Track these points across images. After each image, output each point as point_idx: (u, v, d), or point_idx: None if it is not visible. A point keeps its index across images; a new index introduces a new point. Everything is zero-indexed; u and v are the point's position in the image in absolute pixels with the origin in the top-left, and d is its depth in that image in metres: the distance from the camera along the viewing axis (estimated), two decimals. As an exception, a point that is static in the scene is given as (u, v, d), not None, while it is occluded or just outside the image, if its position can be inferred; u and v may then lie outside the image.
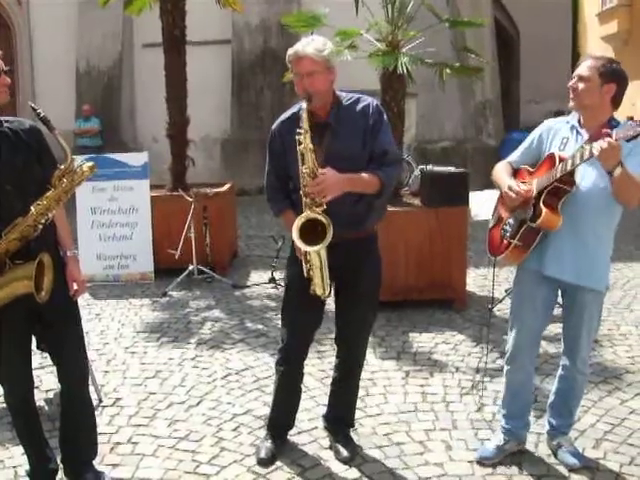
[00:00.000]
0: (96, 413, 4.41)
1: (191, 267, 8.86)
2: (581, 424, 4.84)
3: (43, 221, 3.67)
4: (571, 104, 4.07)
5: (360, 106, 4.17)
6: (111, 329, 7.14)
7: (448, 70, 7.71)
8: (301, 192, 3.99)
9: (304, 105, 3.97)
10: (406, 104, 8.16)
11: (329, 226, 3.88)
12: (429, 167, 7.62)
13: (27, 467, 4.22)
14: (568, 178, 3.97)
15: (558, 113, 23.28)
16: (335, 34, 7.69)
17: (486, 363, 5.62)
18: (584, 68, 4.01)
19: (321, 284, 4.08)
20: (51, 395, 5.50)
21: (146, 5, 9.86)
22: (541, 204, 4.00)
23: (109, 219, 9.09)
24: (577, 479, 4.21)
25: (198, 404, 5.34)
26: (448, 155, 15.70)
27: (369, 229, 4.31)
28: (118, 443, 4.77)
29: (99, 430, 4.39)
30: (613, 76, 3.96)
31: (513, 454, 4.46)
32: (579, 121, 4.12)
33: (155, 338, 6.84)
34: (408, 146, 15.82)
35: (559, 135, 4.19)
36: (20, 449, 4.58)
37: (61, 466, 4.22)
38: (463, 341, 6.50)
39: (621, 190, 3.82)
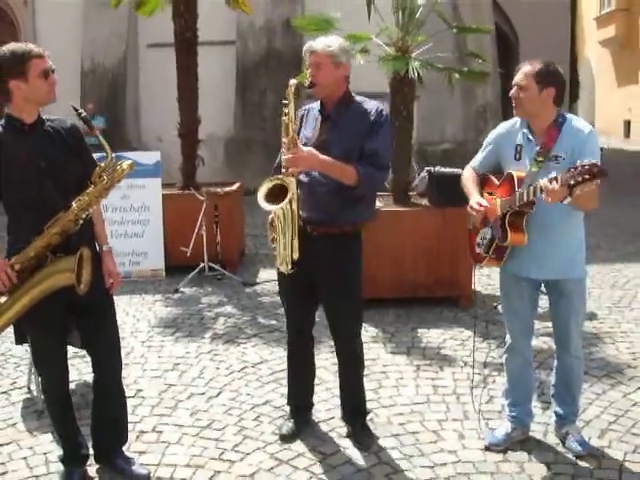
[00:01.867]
0: (121, 402, 4.62)
1: (202, 264, 9.05)
2: (586, 415, 5.05)
3: (84, 216, 3.88)
4: (515, 113, 4.28)
5: (366, 108, 4.44)
6: (127, 323, 7.32)
7: (457, 75, 7.91)
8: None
9: (293, 81, 4.32)
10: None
11: (290, 184, 4.18)
12: (436, 169, 7.80)
13: (58, 453, 4.42)
14: (526, 207, 4.21)
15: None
16: (345, 38, 7.85)
17: (485, 360, 5.83)
18: (521, 76, 4.23)
19: (283, 254, 4.34)
20: (73, 386, 5.68)
21: (158, 7, 10.04)
22: (507, 226, 4.24)
23: (121, 216, 9.26)
24: (583, 466, 4.41)
25: (218, 395, 5.53)
26: (449, 157, 15.86)
27: (344, 227, 4.48)
28: (143, 432, 4.95)
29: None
30: (550, 80, 4.17)
31: (522, 442, 4.66)
32: (529, 126, 4.32)
33: (170, 332, 7.03)
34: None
35: (513, 143, 4.40)
36: (48, 437, 4.84)
37: (91, 451, 4.42)
38: (470, 337, 6.69)
39: (578, 205, 4.07)
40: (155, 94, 16.19)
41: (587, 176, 3.70)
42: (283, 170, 4.28)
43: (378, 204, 7.59)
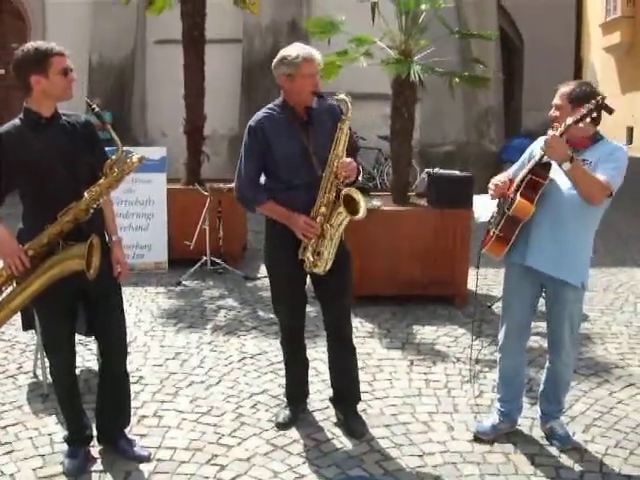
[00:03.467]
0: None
1: (204, 258, 9.25)
2: (572, 411, 5.24)
3: (94, 206, 4.10)
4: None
5: (325, 104, 4.73)
6: (130, 314, 7.48)
7: (457, 79, 8.08)
8: (325, 173, 4.52)
9: (344, 96, 4.59)
10: (410, 109, 8.55)
11: (364, 199, 4.51)
12: (436, 170, 7.99)
13: (63, 434, 4.63)
14: (541, 172, 4.40)
15: (559, 121, 23.66)
16: (349, 40, 8.06)
17: (476, 356, 6.02)
18: (557, 97, 4.44)
19: (327, 259, 4.59)
20: (77, 372, 5.86)
21: (166, 5, 10.22)
22: (517, 195, 4.42)
23: (126, 210, 9.45)
24: (567, 458, 4.60)
25: (217, 384, 5.73)
26: (450, 159, 16.01)
27: None
28: (144, 416, 5.15)
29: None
30: (583, 99, 4.31)
31: (509, 435, 4.86)
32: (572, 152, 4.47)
33: (172, 323, 7.23)
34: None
35: None
36: (53, 419, 5.04)
37: (95, 433, 4.63)
38: (464, 334, 6.89)
39: (576, 184, 4.24)
40: (162, 90, 16.32)
41: (585, 112, 4.09)
42: (332, 179, 4.53)
43: (377, 203, 7.80)
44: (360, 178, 4.72)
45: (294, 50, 4.58)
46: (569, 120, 4.19)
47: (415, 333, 7.00)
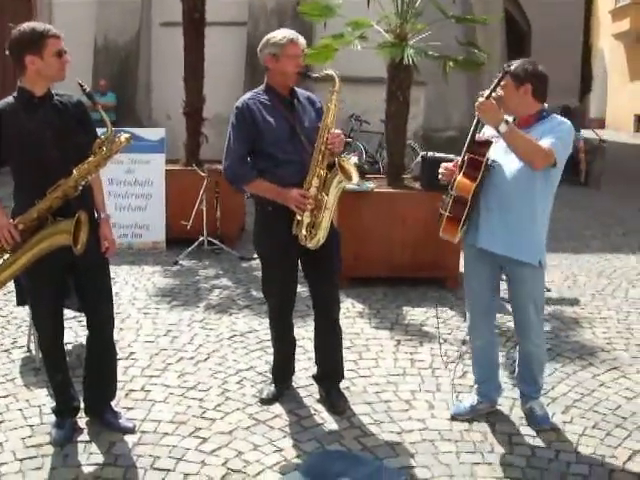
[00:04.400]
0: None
1: (201, 238, 9.36)
2: (554, 393, 5.32)
3: (83, 183, 4.21)
4: (502, 111, 4.49)
5: (305, 94, 4.95)
6: (125, 292, 7.63)
7: (451, 63, 8.12)
8: (317, 144, 4.65)
9: (332, 71, 4.75)
10: (414, 93, 8.60)
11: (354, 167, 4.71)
12: (430, 153, 8.03)
13: (52, 405, 4.74)
14: (479, 149, 4.47)
15: (565, 108, 23.64)
16: (347, 23, 8.12)
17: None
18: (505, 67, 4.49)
19: (324, 228, 4.69)
20: (70, 347, 5.97)
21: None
22: (460, 174, 4.49)
23: (125, 190, 9.57)
24: (544, 438, 4.69)
25: (206, 360, 5.84)
26: (453, 144, 16.01)
27: None
28: (132, 390, 5.27)
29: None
30: (525, 77, 4.42)
31: (488, 414, 4.95)
32: (514, 120, 4.53)
33: (166, 301, 7.34)
34: (415, 133, 16.25)
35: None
36: (43, 391, 5.16)
37: (82, 405, 4.75)
38: (453, 316, 6.98)
39: (513, 147, 4.31)
40: (166, 72, 16.36)
41: (496, 81, 4.31)
42: (323, 149, 4.66)
43: (371, 185, 7.88)
44: (355, 160, 4.84)
45: (280, 33, 4.77)
46: (486, 92, 4.29)
47: (405, 314, 7.09)
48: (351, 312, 7.08)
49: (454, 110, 17.22)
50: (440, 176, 4.76)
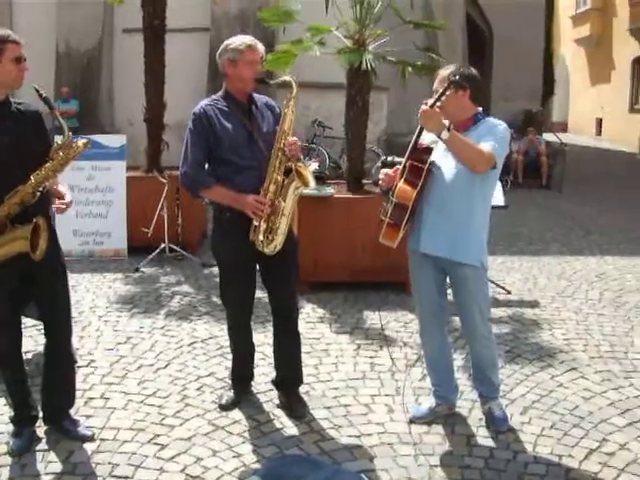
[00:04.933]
0: (72, 370, 4.91)
1: (163, 245, 9.34)
2: (513, 394, 5.36)
3: (41, 189, 4.19)
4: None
5: (263, 100, 4.95)
6: (86, 300, 7.60)
7: (410, 68, 8.18)
8: (273, 150, 4.67)
9: (289, 77, 4.78)
10: (377, 98, 8.66)
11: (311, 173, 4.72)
12: (390, 158, 8.08)
13: (10, 414, 4.71)
14: (420, 156, 4.48)
15: (527, 112, 23.87)
16: (306, 29, 8.15)
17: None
18: (437, 82, 4.56)
19: (282, 234, 4.71)
20: (30, 356, 5.94)
21: (129, -7, 10.27)
22: (401, 181, 4.49)
23: (86, 197, 9.52)
24: (502, 439, 4.72)
25: (166, 367, 5.83)
26: (416, 149, 16.11)
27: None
28: (91, 398, 5.24)
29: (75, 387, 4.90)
30: (465, 81, 4.48)
31: (447, 417, 4.98)
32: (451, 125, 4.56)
33: (127, 309, 7.32)
34: (378, 138, 16.31)
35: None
36: (1, 400, 5.10)
37: (41, 414, 4.71)
38: (413, 320, 6.99)
39: (457, 153, 4.34)
40: (129, 79, 16.20)
41: (441, 91, 4.33)
42: (280, 155, 4.67)
43: (331, 191, 7.91)
44: (315, 166, 4.86)
45: (238, 39, 4.78)
46: (430, 100, 4.32)
47: (365, 318, 7.12)
48: (312, 317, 7.10)
49: (417, 115, 17.27)
50: (380, 182, 4.78)
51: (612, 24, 30.51)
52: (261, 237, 4.69)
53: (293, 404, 5.08)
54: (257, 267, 5.00)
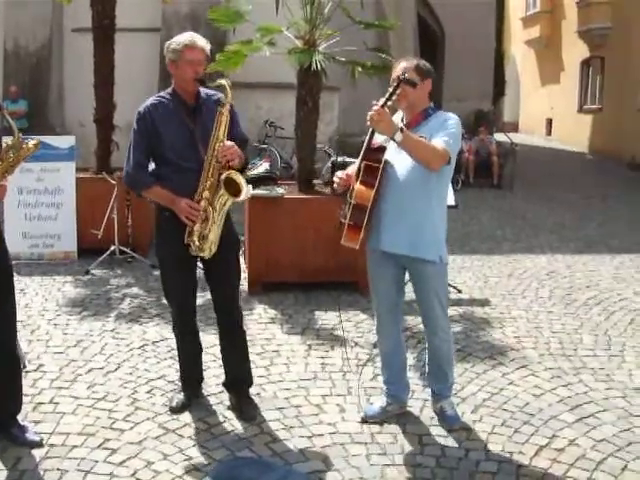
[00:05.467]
0: (20, 375, 4.82)
1: (113, 247, 9.23)
2: (464, 392, 5.40)
3: (-10, 190, 4.12)
4: (398, 104, 4.57)
5: (214, 98, 4.86)
6: (35, 303, 7.50)
7: (359, 68, 8.20)
8: (207, 157, 4.64)
9: (224, 81, 4.68)
10: (328, 98, 8.66)
11: (245, 182, 4.65)
12: (340, 158, 8.09)
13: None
14: (375, 156, 4.50)
15: (479, 112, 24.06)
16: (256, 30, 8.13)
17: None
18: (403, 70, 4.53)
19: (212, 242, 4.70)
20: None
21: (78, -8, 10.16)
22: (357, 182, 4.50)
23: (35, 199, 9.40)
24: (454, 437, 4.76)
25: (116, 370, 5.76)
26: (368, 148, 16.14)
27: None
28: (40, 403, 5.16)
29: (23, 392, 4.80)
30: (429, 73, 4.58)
31: (399, 416, 4.99)
32: (402, 119, 4.64)
33: (77, 312, 7.22)
34: (330, 139, 16.32)
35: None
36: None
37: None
38: (365, 320, 7.03)
39: (411, 152, 4.36)
40: (79, 79, 16.03)
41: (396, 84, 4.34)
42: (214, 163, 4.64)
43: (281, 191, 7.90)
44: (266, 167, 4.83)
45: (180, 38, 4.72)
46: (381, 100, 4.32)
47: (317, 318, 7.13)
48: (263, 318, 7.09)
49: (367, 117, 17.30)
50: (335, 186, 4.79)
51: (561, 26, 30.82)
52: (196, 240, 4.70)
53: (243, 406, 5.06)
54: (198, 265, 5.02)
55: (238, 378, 5.19)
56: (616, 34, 25.56)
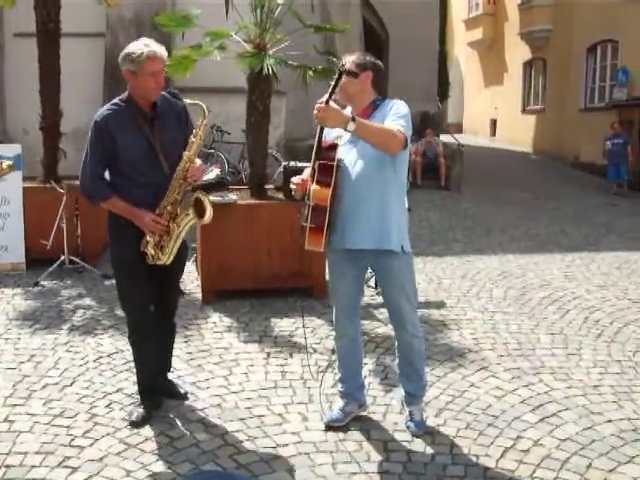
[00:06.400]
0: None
1: (62, 257, 9.04)
2: (426, 397, 5.33)
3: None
4: (339, 97, 4.54)
5: (169, 103, 4.81)
6: (-16, 317, 7.32)
7: (311, 72, 8.16)
8: (176, 174, 4.63)
9: (199, 102, 4.74)
10: (276, 103, 8.59)
11: (210, 207, 4.66)
12: (292, 163, 8.03)
13: None
14: (327, 154, 4.50)
15: (424, 114, 24.17)
16: (205, 34, 8.04)
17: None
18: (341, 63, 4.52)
19: (169, 254, 4.72)
20: None
21: (18, -3, 9.95)
22: (312, 184, 4.50)
23: (-19, 210, 9.18)
24: (419, 443, 4.74)
25: (72, 384, 5.62)
26: (316, 152, 16.10)
27: None
28: (-5, 422, 5.02)
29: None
30: (367, 65, 4.58)
31: (363, 423, 4.96)
32: (352, 113, 4.54)
33: (28, 325, 7.04)
34: (277, 143, 16.25)
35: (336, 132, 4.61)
36: None
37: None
38: (321, 325, 6.99)
39: (368, 139, 4.35)
40: (22, 85, 15.76)
41: (337, 77, 4.29)
42: (182, 182, 4.66)
43: (234, 197, 7.82)
44: (217, 172, 4.81)
45: (139, 47, 4.58)
46: (325, 96, 4.26)
47: (273, 326, 7.06)
48: (219, 327, 6.99)
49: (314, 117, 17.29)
50: (292, 192, 4.74)
51: (504, 28, 31.18)
52: (151, 249, 4.70)
53: (171, 389, 5.29)
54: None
55: (162, 364, 5.30)
56: (557, 36, 25.97)
